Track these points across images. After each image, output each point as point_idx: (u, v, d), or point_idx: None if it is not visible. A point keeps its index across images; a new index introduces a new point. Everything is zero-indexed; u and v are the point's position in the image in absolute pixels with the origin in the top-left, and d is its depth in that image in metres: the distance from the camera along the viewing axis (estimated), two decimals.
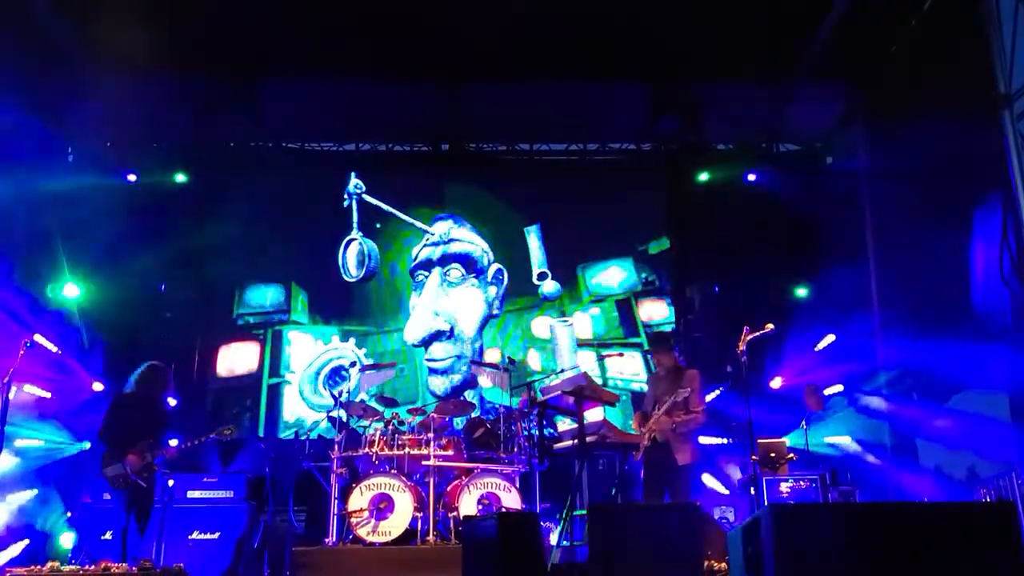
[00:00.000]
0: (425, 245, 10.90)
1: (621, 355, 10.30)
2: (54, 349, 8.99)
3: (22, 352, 6.21)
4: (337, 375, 10.43)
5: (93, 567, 5.93)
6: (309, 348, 10.66)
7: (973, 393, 7.86)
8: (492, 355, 10.50)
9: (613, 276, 11.00)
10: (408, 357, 10.61)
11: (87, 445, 8.98)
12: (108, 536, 7.44)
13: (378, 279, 10.79)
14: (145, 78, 9.15)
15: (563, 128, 10.93)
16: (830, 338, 9.54)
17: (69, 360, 9.27)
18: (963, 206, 7.68)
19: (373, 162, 11.11)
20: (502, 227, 11.03)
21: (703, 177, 10.83)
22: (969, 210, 7.60)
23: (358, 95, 10.06)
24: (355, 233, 10.71)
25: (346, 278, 10.72)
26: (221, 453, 9.96)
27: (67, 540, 8.37)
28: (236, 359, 10.64)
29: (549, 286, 10.84)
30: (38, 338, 8.15)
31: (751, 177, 10.60)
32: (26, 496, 8.62)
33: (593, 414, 7.91)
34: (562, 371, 9.52)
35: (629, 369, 10.58)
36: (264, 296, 10.85)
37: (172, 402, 9.25)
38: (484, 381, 10.35)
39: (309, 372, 10.56)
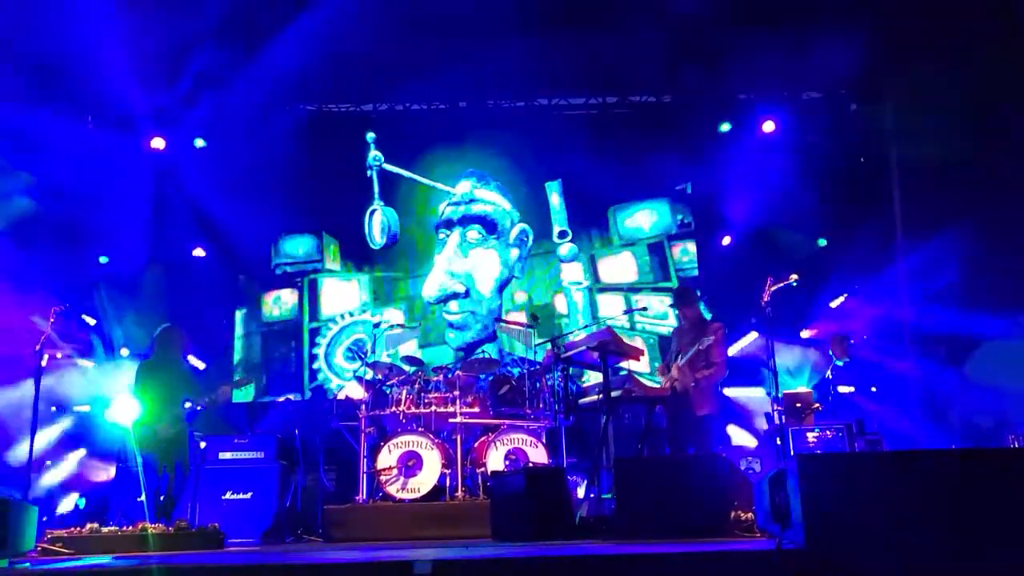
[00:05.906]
0: (448, 204, 10.90)
1: (646, 308, 10.20)
2: (86, 318, 9.10)
3: (52, 319, 6.31)
4: (359, 349, 10.51)
5: (131, 528, 6.07)
6: (342, 295, 10.95)
7: (999, 343, 7.80)
8: (519, 297, 10.59)
9: (646, 218, 10.89)
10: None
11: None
12: (143, 499, 7.60)
13: (409, 226, 10.93)
14: (156, 41, 9.08)
15: (582, 82, 10.74)
16: (842, 298, 9.55)
17: (100, 328, 9.41)
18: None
19: (391, 122, 11.04)
20: (523, 183, 10.93)
21: (725, 127, 10.63)
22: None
23: (373, 53, 9.92)
24: (376, 203, 10.86)
25: (372, 246, 10.92)
26: (252, 414, 10.12)
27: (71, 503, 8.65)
28: (279, 306, 11.00)
29: (565, 249, 10.75)
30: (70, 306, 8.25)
31: (769, 126, 10.31)
32: (74, 457, 8.84)
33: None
34: (586, 326, 9.51)
35: (658, 311, 10.47)
36: (297, 246, 11.10)
37: (201, 365, 9.39)
38: (517, 343, 10.31)
39: (336, 341, 10.74)
